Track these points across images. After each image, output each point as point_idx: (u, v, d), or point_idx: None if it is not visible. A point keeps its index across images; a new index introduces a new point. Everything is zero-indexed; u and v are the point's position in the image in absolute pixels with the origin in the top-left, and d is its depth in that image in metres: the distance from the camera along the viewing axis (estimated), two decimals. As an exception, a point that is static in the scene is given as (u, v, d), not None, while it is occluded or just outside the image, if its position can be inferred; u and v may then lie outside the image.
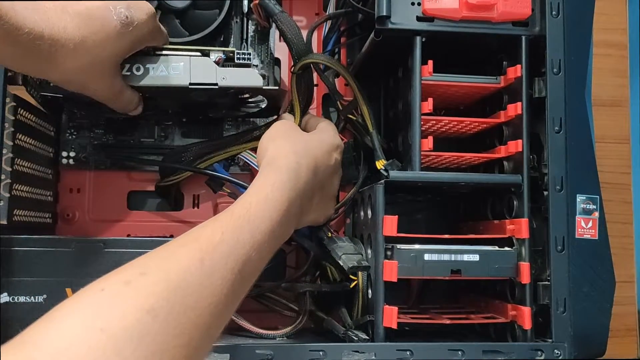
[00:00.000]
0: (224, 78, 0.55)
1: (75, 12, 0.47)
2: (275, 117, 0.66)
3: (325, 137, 0.58)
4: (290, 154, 0.52)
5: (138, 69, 0.54)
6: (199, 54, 0.56)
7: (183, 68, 0.55)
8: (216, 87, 0.55)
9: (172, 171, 0.67)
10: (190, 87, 0.55)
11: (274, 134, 0.56)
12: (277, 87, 0.59)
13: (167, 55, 0.55)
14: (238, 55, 0.56)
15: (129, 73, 0.54)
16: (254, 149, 0.64)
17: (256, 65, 0.60)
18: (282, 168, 0.50)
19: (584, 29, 0.57)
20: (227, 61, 0.56)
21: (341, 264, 0.56)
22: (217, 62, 0.56)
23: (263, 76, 0.57)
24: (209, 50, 0.56)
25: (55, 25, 0.45)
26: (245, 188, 0.63)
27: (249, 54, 0.56)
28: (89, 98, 0.56)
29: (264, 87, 0.57)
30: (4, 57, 0.46)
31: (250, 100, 0.62)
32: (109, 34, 0.48)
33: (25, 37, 0.43)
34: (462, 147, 0.68)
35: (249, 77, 0.56)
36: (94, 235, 0.68)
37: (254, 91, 0.59)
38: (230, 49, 0.57)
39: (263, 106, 0.63)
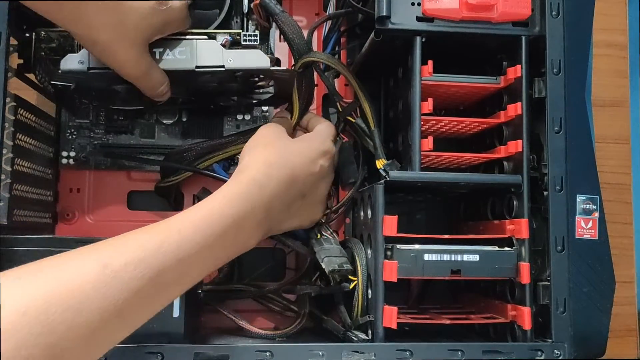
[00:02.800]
0: (230, 60, 0.55)
1: None
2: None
3: (311, 145, 0.57)
4: (261, 165, 0.53)
5: None
6: (205, 37, 0.56)
7: (189, 51, 0.55)
8: (223, 69, 0.55)
9: (173, 171, 0.67)
10: (196, 70, 0.55)
11: (255, 142, 0.56)
12: (286, 68, 0.58)
13: (172, 39, 0.55)
14: (244, 37, 0.56)
15: None
16: None
17: None
18: (243, 180, 0.51)
19: (584, 29, 0.57)
20: (234, 44, 0.56)
21: (323, 266, 0.56)
22: (223, 45, 0.56)
23: (271, 60, 0.57)
24: (215, 33, 0.56)
25: None
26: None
27: (256, 35, 0.56)
28: (101, 86, 0.56)
29: (272, 68, 0.57)
30: (32, 5, 0.47)
31: (259, 84, 0.62)
32: (142, 5, 0.50)
33: None
34: (462, 147, 0.68)
35: (256, 58, 0.56)
36: (94, 235, 0.68)
37: (263, 73, 0.58)
38: (236, 30, 0.57)
39: (271, 92, 0.63)
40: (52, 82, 0.58)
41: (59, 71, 0.55)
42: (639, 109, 0.85)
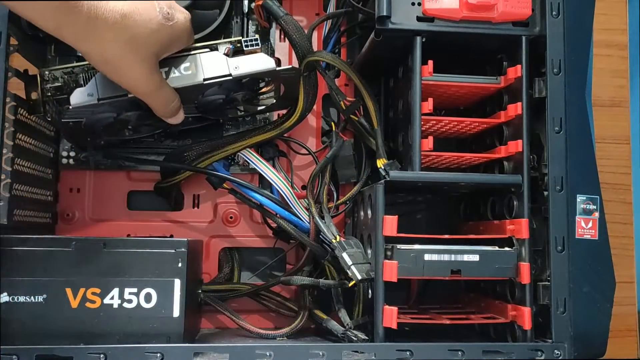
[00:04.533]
0: (236, 67, 0.55)
1: None
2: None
3: None
4: None
5: None
6: (207, 49, 0.56)
7: (194, 66, 0.55)
8: (230, 77, 0.55)
9: (173, 171, 0.67)
10: (205, 83, 0.55)
11: None
12: (291, 67, 0.58)
13: (175, 56, 0.55)
14: (246, 43, 0.56)
15: None
16: (253, 146, 0.64)
17: None
18: None
19: (584, 29, 0.57)
20: (237, 52, 0.56)
21: (350, 274, 0.55)
22: (226, 54, 0.56)
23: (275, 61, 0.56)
24: (217, 44, 0.56)
25: None
26: (246, 186, 0.63)
27: (257, 39, 0.56)
28: (112, 116, 0.56)
29: (278, 69, 0.56)
30: (40, 17, 0.47)
31: (264, 90, 0.62)
32: (150, 20, 0.50)
33: None
34: (462, 147, 0.68)
35: (261, 61, 0.56)
36: (94, 235, 0.68)
37: (269, 74, 0.58)
38: (236, 38, 0.57)
39: (276, 97, 0.62)
40: (64, 120, 0.57)
41: (69, 107, 0.55)
42: (639, 109, 0.85)
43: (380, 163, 0.59)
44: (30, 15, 0.47)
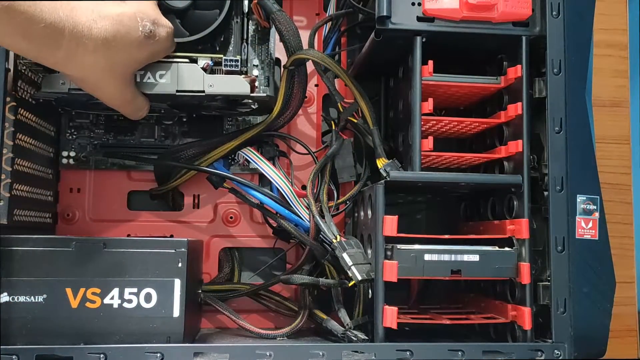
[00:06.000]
0: (211, 85, 0.56)
1: (106, 14, 0.48)
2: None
3: None
4: None
5: None
6: (186, 60, 0.56)
7: (171, 75, 0.56)
8: (203, 94, 0.56)
9: (167, 174, 0.67)
10: (177, 94, 0.56)
11: None
12: (265, 94, 0.59)
13: (154, 62, 0.55)
14: (226, 62, 0.56)
15: None
16: (248, 143, 0.64)
17: (256, 65, 0.60)
18: None
19: (584, 29, 0.57)
20: (216, 65, 0.57)
21: (350, 275, 0.55)
22: (204, 69, 0.56)
23: (252, 81, 0.57)
24: (197, 56, 0.57)
25: (80, 23, 0.46)
26: (246, 185, 0.63)
27: (237, 60, 0.56)
28: (83, 99, 0.56)
29: (252, 95, 0.57)
30: (20, 50, 0.46)
31: (240, 102, 0.62)
32: (131, 42, 0.50)
33: (40, 31, 0.44)
34: (462, 147, 0.68)
35: (236, 85, 0.56)
36: (94, 235, 0.68)
37: (243, 97, 0.59)
38: (218, 55, 0.58)
39: (254, 107, 0.63)
40: (34, 97, 0.58)
41: (41, 91, 0.56)
42: (639, 109, 0.85)
43: (380, 163, 0.59)
44: (7, 45, 0.47)
